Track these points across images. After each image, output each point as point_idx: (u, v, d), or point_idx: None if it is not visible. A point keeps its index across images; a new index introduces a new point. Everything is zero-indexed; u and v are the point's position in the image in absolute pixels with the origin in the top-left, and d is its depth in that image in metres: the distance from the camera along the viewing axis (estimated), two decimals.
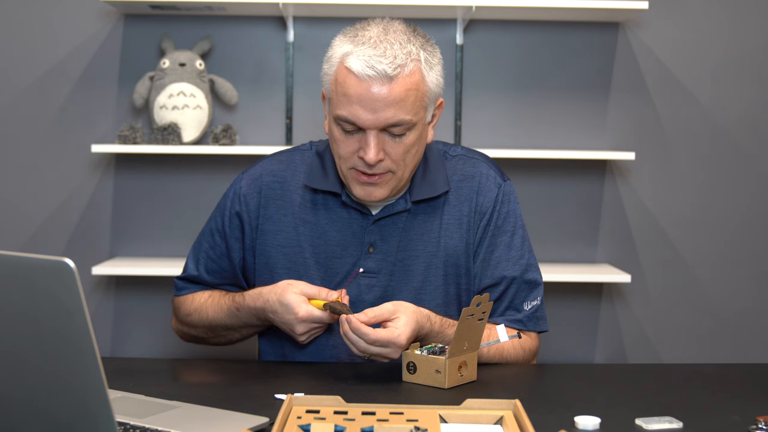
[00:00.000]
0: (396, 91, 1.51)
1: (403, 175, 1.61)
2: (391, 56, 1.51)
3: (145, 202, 2.69)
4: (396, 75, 1.51)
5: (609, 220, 2.73)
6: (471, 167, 1.70)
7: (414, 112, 1.54)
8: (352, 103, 1.52)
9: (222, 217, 1.74)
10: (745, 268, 2.75)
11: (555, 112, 2.70)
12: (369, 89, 1.51)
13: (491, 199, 1.68)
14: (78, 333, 0.93)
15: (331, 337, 1.66)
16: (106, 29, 2.64)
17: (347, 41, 1.56)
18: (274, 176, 1.72)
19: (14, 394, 1.00)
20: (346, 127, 1.55)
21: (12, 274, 0.96)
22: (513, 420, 1.24)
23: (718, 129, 2.72)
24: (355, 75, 1.52)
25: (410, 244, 1.66)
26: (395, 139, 1.55)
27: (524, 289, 1.68)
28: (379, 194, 1.60)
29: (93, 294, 2.69)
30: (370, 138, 1.54)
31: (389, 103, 1.51)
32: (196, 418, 1.26)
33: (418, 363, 1.46)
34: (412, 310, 1.51)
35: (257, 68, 2.67)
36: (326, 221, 1.67)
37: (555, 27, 2.68)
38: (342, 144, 1.57)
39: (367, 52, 1.51)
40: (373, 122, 1.52)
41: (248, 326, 1.69)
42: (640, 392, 1.46)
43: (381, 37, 1.53)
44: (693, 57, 2.70)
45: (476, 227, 1.67)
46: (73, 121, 2.65)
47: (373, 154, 1.53)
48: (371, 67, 1.50)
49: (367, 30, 1.56)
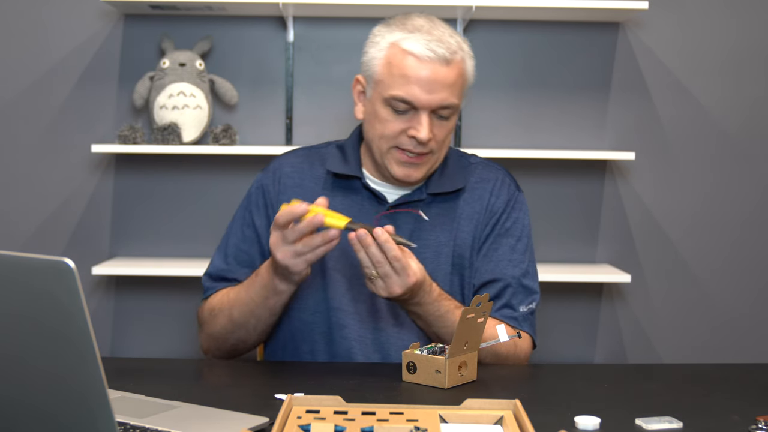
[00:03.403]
0: (451, 75, 1.61)
1: (439, 158, 1.69)
2: (447, 42, 1.61)
3: (145, 202, 2.69)
4: (452, 59, 1.61)
5: (609, 220, 2.73)
6: (489, 172, 1.78)
7: (460, 97, 1.65)
8: (410, 83, 1.60)
9: (247, 210, 1.78)
10: (746, 268, 2.75)
11: (555, 112, 2.70)
12: (428, 70, 1.59)
13: (503, 202, 1.75)
14: (78, 333, 0.93)
15: (334, 338, 1.67)
16: (106, 29, 2.64)
17: (396, 29, 1.64)
18: (292, 167, 1.78)
19: (14, 394, 1.00)
20: (398, 107, 1.62)
21: (12, 274, 0.96)
22: (513, 420, 1.24)
23: (718, 129, 2.72)
24: (415, 56, 1.59)
25: (423, 233, 1.69)
26: (441, 121, 1.64)
27: (521, 293, 1.71)
28: (417, 174, 1.67)
29: (93, 294, 2.69)
30: (423, 117, 1.61)
31: (445, 86, 1.60)
32: (196, 418, 1.26)
33: (418, 363, 1.46)
34: (423, 267, 1.56)
35: (257, 68, 2.67)
36: (341, 206, 1.69)
37: (555, 27, 2.68)
38: (389, 124, 1.63)
39: (425, 37, 1.60)
40: (428, 102, 1.60)
41: (266, 293, 1.61)
42: (640, 392, 1.46)
43: (431, 26, 1.63)
44: (693, 57, 2.70)
45: (485, 224, 1.73)
46: (73, 121, 2.65)
47: (425, 133, 1.60)
48: (432, 50, 1.59)
49: (414, 20, 1.65)
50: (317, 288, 1.70)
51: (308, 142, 2.16)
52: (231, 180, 2.68)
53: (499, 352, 1.64)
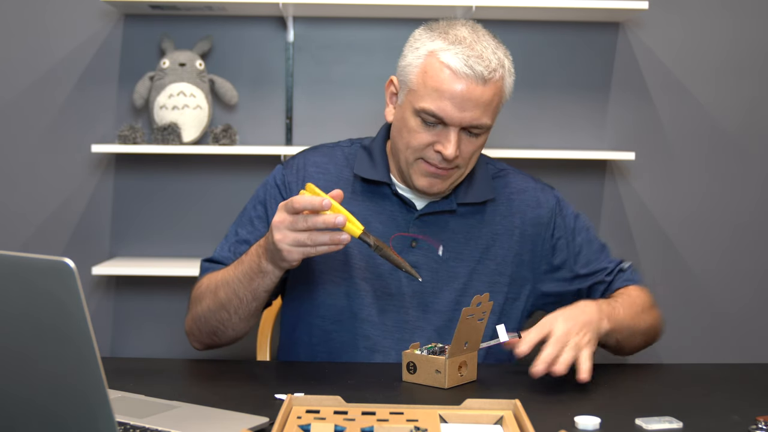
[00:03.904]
0: (487, 95, 1.55)
1: (465, 172, 1.65)
2: (487, 60, 1.54)
3: (145, 202, 2.69)
4: (490, 78, 1.55)
5: (609, 220, 2.73)
6: (522, 182, 1.77)
7: (493, 115, 1.60)
8: (443, 98, 1.54)
9: (262, 203, 1.70)
10: (746, 268, 2.75)
11: (555, 111, 2.70)
12: (463, 87, 1.54)
13: (549, 209, 1.75)
14: (78, 333, 0.93)
15: (358, 348, 1.65)
16: (106, 29, 2.64)
17: (437, 37, 1.58)
18: (317, 167, 1.72)
19: (14, 394, 1.00)
20: (428, 119, 1.57)
21: (12, 274, 0.95)
22: (513, 420, 1.24)
23: (718, 129, 2.72)
24: (452, 70, 1.54)
25: (457, 246, 1.67)
26: (471, 138, 1.59)
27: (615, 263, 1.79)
28: (441, 187, 1.63)
29: (93, 294, 2.69)
30: (451, 134, 1.56)
31: (478, 105, 1.55)
32: (196, 418, 1.26)
33: (418, 363, 1.46)
34: (559, 313, 1.51)
35: (257, 68, 2.67)
36: (369, 212, 1.67)
37: (555, 27, 2.68)
38: (417, 135, 1.59)
39: (465, 51, 1.54)
40: (459, 120, 1.55)
41: (251, 273, 1.54)
42: (640, 392, 1.46)
43: (474, 39, 1.56)
44: (693, 57, 2.70)
45: (540, 239, 1.73)
46: (73, 121, 2.65)
47: (452, 150, 1.56)
48: (470, 67, 1.53)
49: (457, 30, 1.58)
50: (340, 296, 1.66)
51: (308, 142, 2.16)
52: (231, 180, 2.68)
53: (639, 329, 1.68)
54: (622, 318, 1.60)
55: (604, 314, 1.55)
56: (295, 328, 1.72)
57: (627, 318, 1.62)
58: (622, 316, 1.61)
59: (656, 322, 1.75)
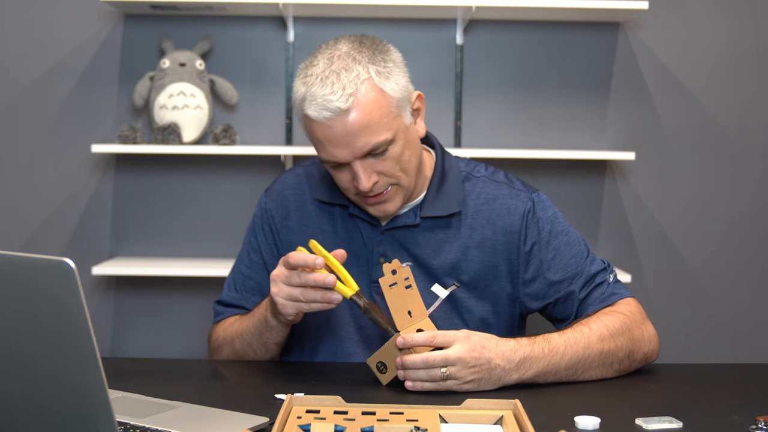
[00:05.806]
0: (357, 120, 1.49)
1: (409, 182, 1.59)
2: (340, 89, 1.48)
3: (145, 202, 2.69)
4: (350, 106, 1.48)
5: (609, 220, 2.73)
6: (494, 189, 1.68)
7: (386, 127, 1.51)
8: (326, 145, 1.52)
9: (254, 235, 1.76)
10: (746, 268, 2.75)
11: (555, 112, 2.70)
12: (332, 129, 1.50)
13: (520, 216, 1.65)
14: (78, 333, 0.93)
15: (339, 340, 1.66)
16: (106, 29, 2.64)
17: (300, 83, 1.54)
18: (293, 189, 1.74)
19: (14, 393, 1.00)
20: (332, 164, 1.56)
21: (12, 274, 0.96)
22: (513, 420, 1.24)
23: (717, 129, 2.72)
24: (316, 121, 1.51)
25: (426, 261, 1.64)
26: (382, 158, 1.54)
27: (599, 273, 1.65)
28: (392, 208, 1.59)
29: (93, 294, 2.69)
30: (357, 169, 1.53)
31: (356, 134, 1.49)
32: (196, 418, 1.26)
33: (383, 358, 1.44)
34: (465, 335, 1.43)
35: (257, 68, 2.67)
36: (336, 230, 1.68)
37: (555, 27, 2.68)
38: (338, 178, 1.58)
39: (317, 93, 1.49)
40: (351, 155, 1.51)
41: (261, 327, 1.61)
42: (640, 392, 1.46)
43: (326, 71, 1.50)
44: (693, 57, 2.70)
45: (515, 247, 1.64)
46: (73, 121, 2.65)
47: (365, 183, 1.53)
48: (325, 109, 1.48)
49: (315, 66, 1.53)
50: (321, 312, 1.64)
51: (308, 142, 2.16)
52: (231, 180, 2.68)
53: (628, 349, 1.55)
54: (558, 361, 1.47)
55: (523, 367, 1.44)
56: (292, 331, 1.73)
57: (573, 358, 1.48)
58: (560, 360, 1.47)
59: (632, 345, 1.56)
